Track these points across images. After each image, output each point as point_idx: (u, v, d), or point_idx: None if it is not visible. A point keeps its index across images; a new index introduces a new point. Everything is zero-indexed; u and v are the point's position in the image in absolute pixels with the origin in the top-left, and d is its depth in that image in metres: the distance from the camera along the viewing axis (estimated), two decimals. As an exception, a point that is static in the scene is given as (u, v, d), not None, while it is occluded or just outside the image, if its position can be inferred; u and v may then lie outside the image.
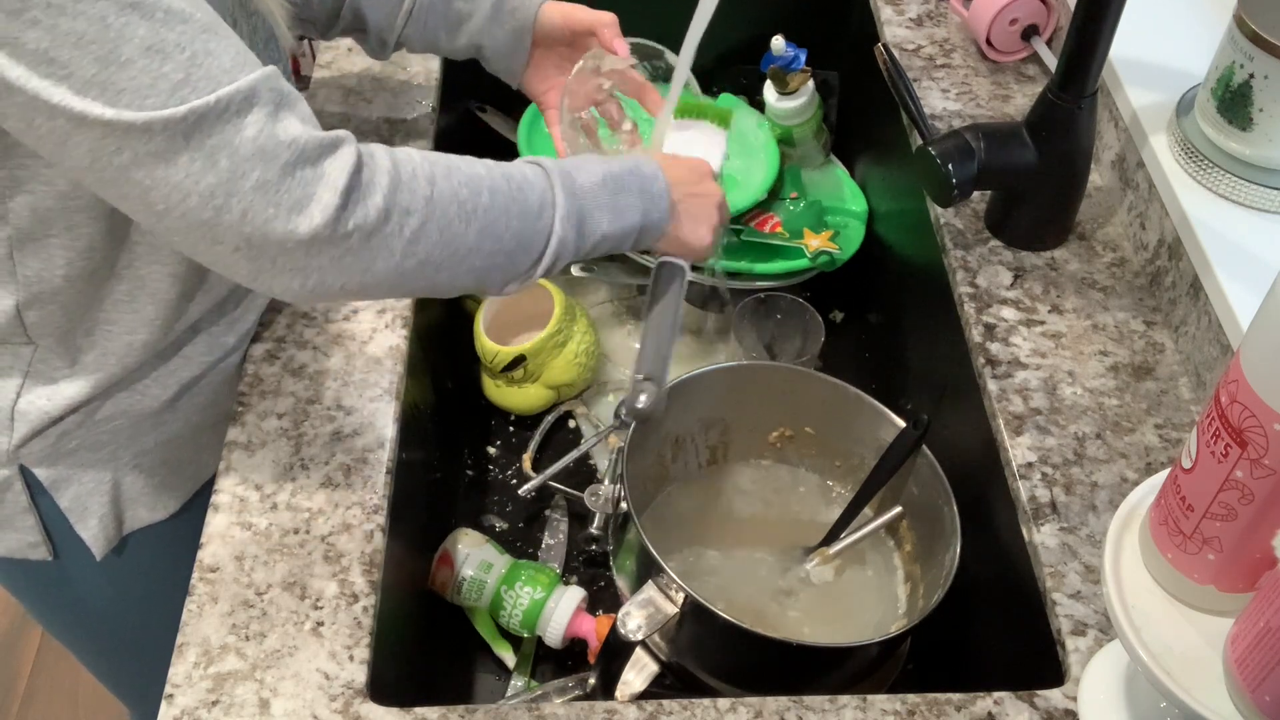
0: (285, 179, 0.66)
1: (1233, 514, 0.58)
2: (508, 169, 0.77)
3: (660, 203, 0.84)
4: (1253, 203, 0.92)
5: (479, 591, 0.99)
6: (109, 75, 0.62)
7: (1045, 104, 0.94)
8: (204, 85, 0.64)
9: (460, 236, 0.73)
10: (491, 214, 0.74)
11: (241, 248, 0.67)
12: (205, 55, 0.64)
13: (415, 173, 0.72)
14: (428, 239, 0.72)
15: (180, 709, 0.73)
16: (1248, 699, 0.57)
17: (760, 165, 1.23)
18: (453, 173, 0.74)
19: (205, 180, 0.65)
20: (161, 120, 0.63)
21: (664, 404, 0.85)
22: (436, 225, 0.72)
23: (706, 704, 0.74)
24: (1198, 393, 0.90)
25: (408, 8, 0.99)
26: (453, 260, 0.74)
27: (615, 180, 0.81)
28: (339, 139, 0.69)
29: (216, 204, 0.65)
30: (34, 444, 0.86)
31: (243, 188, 0.65)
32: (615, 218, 0.81)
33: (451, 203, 0.72)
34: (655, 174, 0.84)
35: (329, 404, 0.90)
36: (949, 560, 0.88)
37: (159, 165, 0.64)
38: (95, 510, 0.91)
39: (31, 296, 0.80)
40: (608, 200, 0.80)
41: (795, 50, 1.24)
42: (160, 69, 0.62)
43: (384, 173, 0.70)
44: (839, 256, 1.18)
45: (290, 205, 0.66)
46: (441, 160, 0.74)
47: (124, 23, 0.61)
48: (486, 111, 1.34)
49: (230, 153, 0.65)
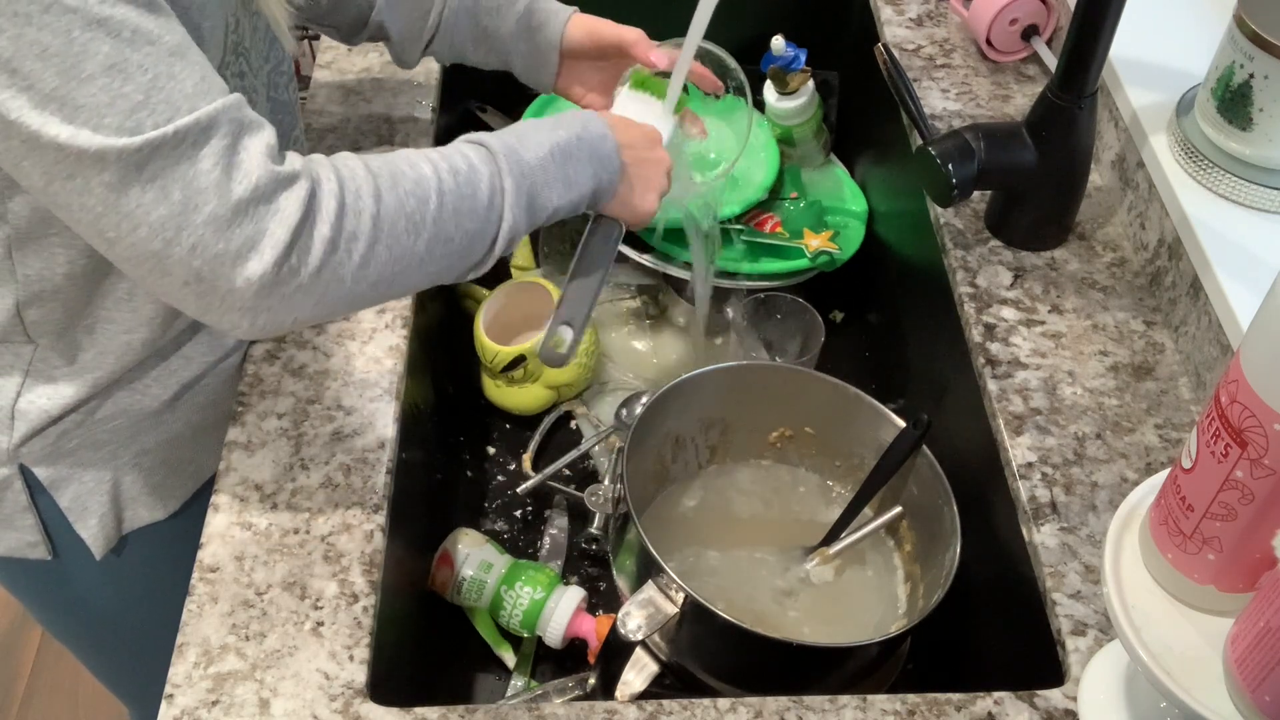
0: (238, 215, 0.65)
1: (1233, 514, 0.58)
2: (454, 160, 0.75)
3: (610, 164, 0.82)
4: (1253, 203, 0.92)
5: (479, 591, 0.99)
6: (69, 90, 0.61)
7: (1045, 104, 0.94)
8: (162, 110, 0.63)
9: (410, 249, 0.72)
10: (441, 219, 0.73)
11: (190, 282, 0.66)
12: (168, 79, 0.63)
13: (359, 191, 0.70)
14: (377, 260, 0.70)
15: (180, 709, 0.73)
16: (1248, 699, 0.57)
17: (760, 165, 1.23)
18: (398, 181, 0.72)
19: (157, 212, 0.64)
20: (116, 150, 0.62)
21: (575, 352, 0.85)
22: (385, 244, 0.70)
23: (706, 704, 0.74)
24: (1198, 393, 0.90)
25: (433, 23, 0.99)
26: (405, 273, 0.72)
27: (563, 150, 0.79)
28: (294, 173, 0.67)
29: (166, 236, 0.64)
30: (34, 443, 0.86)
31: (194, 221, 0.64)
32: (566, 189, 0.80)
33: (399, 216, 0.71)
34: (604, 133, 0.82)
35: (329, 404, 0.90)
36: (949, 560, 0.88)
37: (110, 194, 0.63)
38: (95, 510, 0.91)
39: (31, 295, 0.80)
40: (557, 172, 0.79)
41: (795, 50, 1.24)
42: (121, 89, 0.62)
43: (331, 197, 0.68)
44: (839, 256, 1.18)
45: (241, 243, 0.65)
46: (386, 169, 0.72)
47: (89, 38, 0.61)
48: (487, 111, 1.34)
49: (184, 186, 0.64)
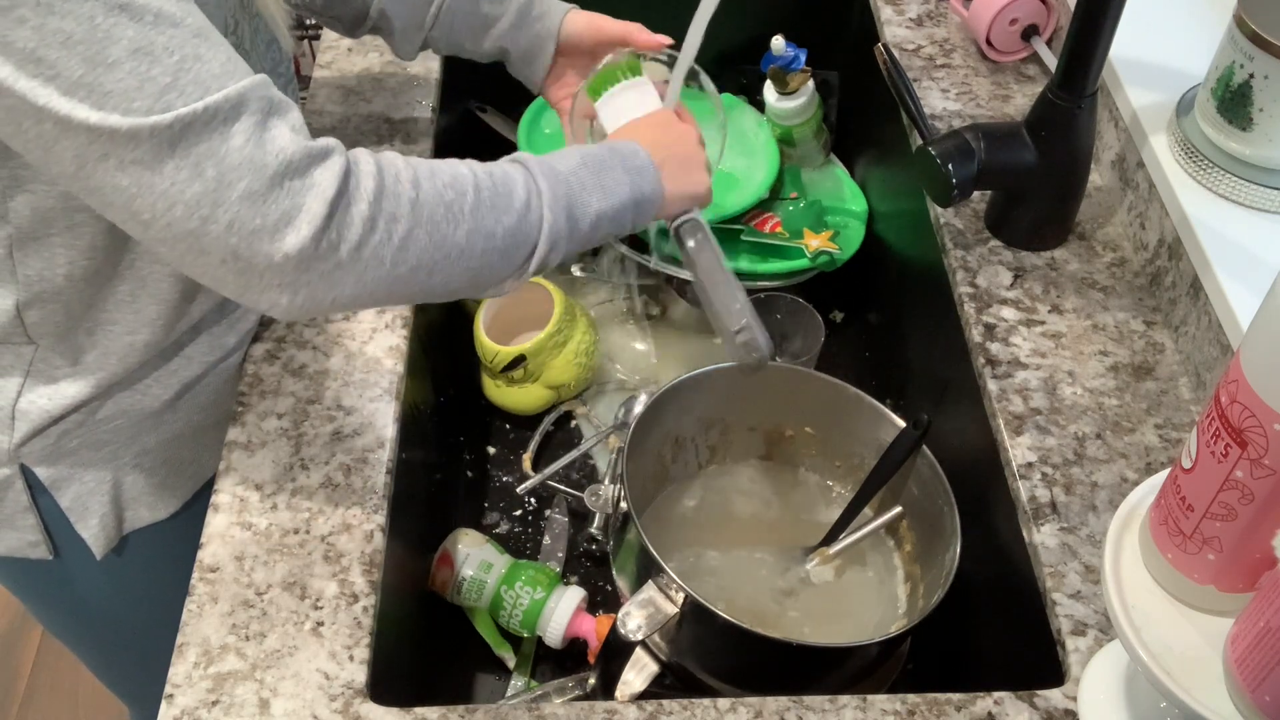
0: (273, 189, 0.65)
1: (1233, 514, 0.58)
2: (489, 167, 0.76)
3: (648, 174, 0.82)
4: (1253, 203, 0.93)
5: (479, 592, 0.99)
6: (96, 76, 0.61)
7: (1045, 104, 0.94)
8: (191, 90, 0.63)
9: (450, 238, 0.71)
10: (479, 212, 0.73)
11: (228, 260, 0.65)
12: (194, 60, 0.63)
13: (399, 177, 0.70)
14: (417, 244, 0.70)
15: (180, 709, 0.73)
16: (1248, 699, 0.57)
17: (760, 165, 1.23)
18: (436, 174, 0.72)
19: (191, 189, 0.63)
20: (148, 127, 0.62)
21: (770, 344, 0.87)
22: (425, 229, 0.70)
23: (706, 704, 0.74)
24: (1198, 393, 0.90)
25: (434, 10, 0.99)
26: (445, 263, 0.72)
27: (595, 160, 0.80)
28: (328, 148, 0.68)
29: (203, 214, 0.64)
30: (34, 443, 0.86)
31: (229, 198, 0.64)
32: (604, 195, 0.79)
33: (438, 205, 0.71)
34: (634, 149, 0.83)
35: (329, 404, 0.90)
36: (949, 560, 0.88)
37: (144, 172, 0.63)
38: (95, 509, 0.91)
39: (32, 296, 0.80)
40: (592, 179, 0.79)
41: (795, 50, 1.24)
42: (148, 72, 0.61)
43: (369, 177, 0.69)
44: (839, 256, 1.18)
45: (278, 217, 0.65)
46: (424, 164, 0.73)
47: (112, 24, 0.61)
48: (487, 111, 1.34)
49: (217, 162, 0.63)
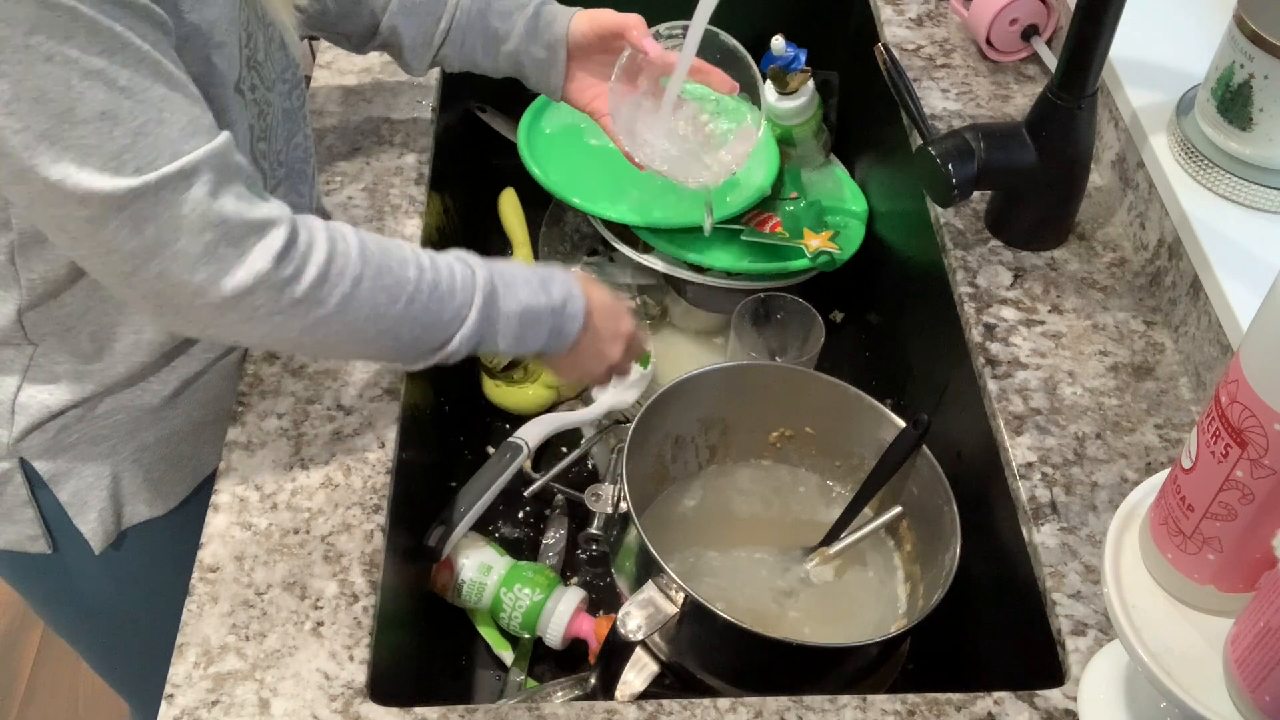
0: (206, 253, 0.69)
1: (1233, 514, 0.58)
2: (439, 273, 0.79)
3: (563, 340, 0.86)
4: (1253, 203, 0.92)
5: (479, 593, 0.99)
6: (61, 131, 0.64)
7: (1045, 104, 0.94)
8: (146, 153, 0.66)
9: (360, 332, 0.76)
10: (400, 320, 0.77)
11: (150, 298, 0.71)
12: (156, 125, 0.66)
13: (345, 271, 0.74)
14: (329, 328, 0.75)
15: (180, 709, 0.73)
16: (1248, 699, 0.57)
17: (760, 165, 1.23)
18: (381, 275, 0.76)
19: (129, 244, 0.67)
20: (100, 195, 0.65)
21: (446, 540, 0.94)
22: (342, 320, 0.75)
23: (706, 704, 0.74)
24: (1198, 393, 0.90)
25: (444, 27, 1.00)
26: (344, 346, 0.78)
27: (534, 316, 0.83)
28: (270, 220, 0.71)
29: (136, 262, 0.68)
30: (34, 437, 0.86)
31: (163, 254, 0.68)
32: (514, 344, 0.84)
33: (366, 305, 0.75)
34: (575, 315, 0.86)
35: (329, 404, 0.90)
36: (949, 560, 0.88)
37: (88, 226, 0.67)
38: (94, 504, 0.91)
39: (34, 300, 0.80)
40: (517, 331, 0.83)
41: (795, 50, 1.24)
42: (110, 133, 0.65)
43: (315, 266, 0.72)
44: (839, 256, 1.18)
45: (204, 279, 0.69)
46: (376, 259, 0.76)
47: (85, 87, 0.64)
48: (486, 111, 1.34)
49: (158, 225, 0.67)
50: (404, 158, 1.08)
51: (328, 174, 1.06)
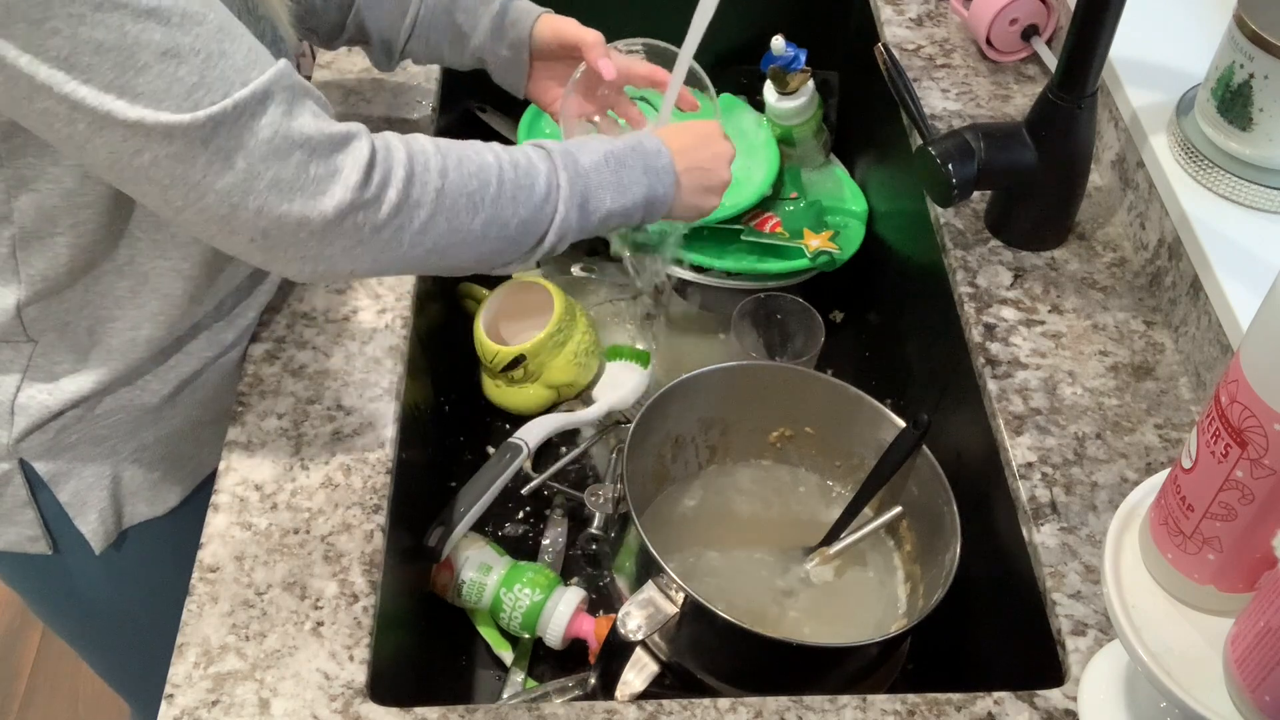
0: (300, 175, 0.68)
1: (1233, 514, 0.58)
2: (514, 155, 0.80)
3: (666, 177, 0.86)
4: (1253, 203, 0.93)
5: (479, 594, 0.99)
6: (127, 80, 0.63)
7: (1045, 104, 0.94)
8: (218, 86, 0.66)
9: (467, 227, 0.76)
10: (499, 203, 0.77)
11: (257, 239, 0.70)
12: (220, 56, 0.66)
13: (428, 165, 0.74)
14: (436, 230, 0.74)
15: (180, 709, 0.73)
16: (1248, 699, 0.57)
17: (760, 165, 1.23)
18: (464, 163, 0.76)
19: (223, 180, 0.67)
20: (182, 126, 0.65)
21: (445, 541, 0.94)
22: (445, 217, 0.75)
23: (706, 704, 0.74)
24: (1198, 393, 0.90)
25: (409, 22, 1.00)
26: (458, 247, 0.77)
27: (617, 158, 0.84)
28: (351, 133, 0.71)
29: (233, 201, 0.68)
30: (34, 438, 0.86)
31: (258, 186, 0.68)
32: (619, 194, 0.83)
33: (461, 195, 0.75)
34: (658, 149, 0.86)
35: (329, 404, 0.90)
36: (949, 560, 0.88)
37: (178, 165, 0.66)
38: (94, 505, 0.91)
39: (34, 294, 0.80)
40: (611, 178, 0.83)
41: (795, 50, 1.24)
42: (176, 73, 0.64)
43: (400, 165, 0.72)
44: (839, 256, 1.18)
45: (305, 200, 0.69)
46: (454, 150, 0.77)
47: (140, 29, 0.63)
48: (486, 111, 1.34)
49: (246, 154, 0.67)
50: (404, 158, 1.08)
51: (328, 174, 1.06)
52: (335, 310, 0.96)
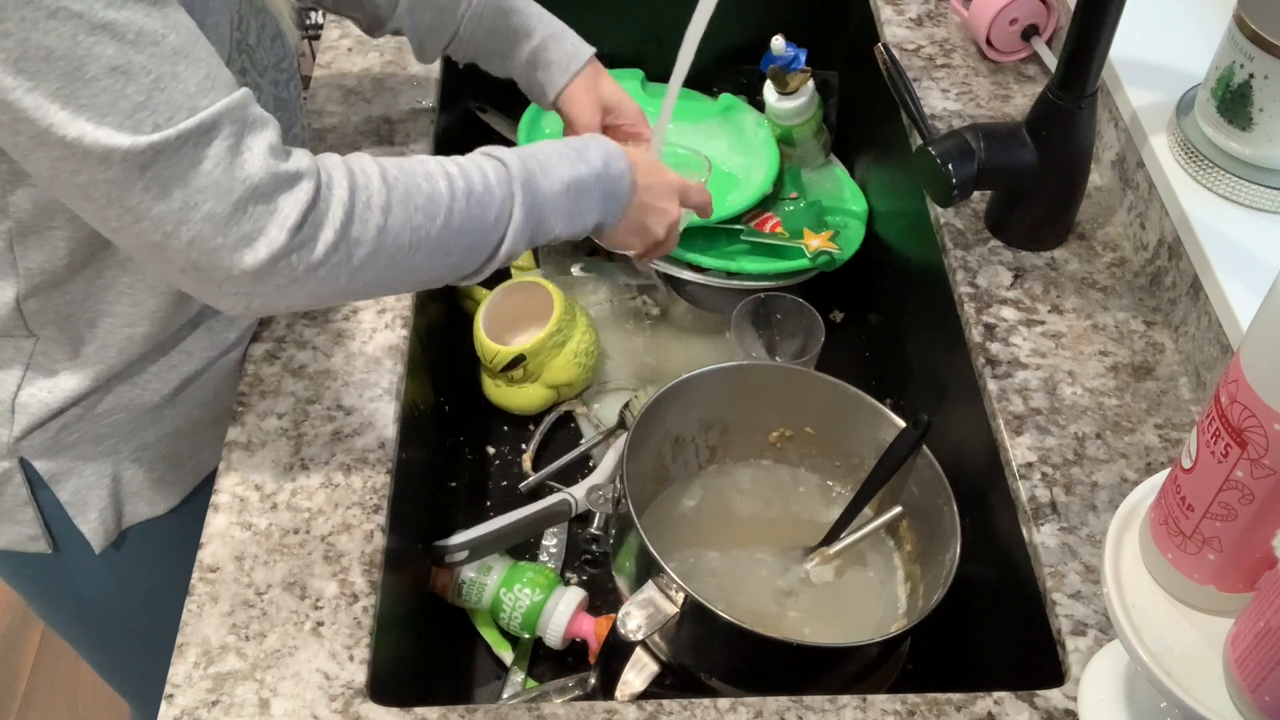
0: (236, 214, 0.67)
1: (1233, 514, 0.58)
2: (470, 181, 0.77)
3: (620, 203, 0.86)
4: (1253, 203, 0.93)
5: (479, 594, 0.99)
6: (73, 90, 0.62)
7: (1045, 104, 0.94)
8: (163, 109, 0.64)
9: (407, 260, 0.74)
10: (444, 235, 0.75)
11: (188, 270, 0.68)
12: (171, 79, 0.64)
13: (370, 202, 0.72)
14: (375, 265, 0.73)
15: (180, 709, 0.73)
16: (1248, 699, 0.57)
17: (760, 165, 1.23)
18: (411, 196, 0.74)
19: (158, 208, 0.66)
20: (120, 151, 0.63)
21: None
22: (386, 253, 0.73)
23: (706, 704, 0.74)
24: (1198, 393, 0.90)
25: (452, 30, 1.00)
26: (397, 280, 0.76)
27: (580, 186, 0.82)
28: (298, 172, 0.69)
29: (166, 230, 0.66)
30: (34, 436, 0.86)
31: (193, 218, 0.66)
32: (571, 222, 0.83)
33: (404, 230, 0.73)
34: (622, 174, 0.85)
35: (329, 404, 0.90)
36: (949, 560, 0.88)
37: (113, 189, 0.65)
38: (95, 504, 0.91)
39: (32, 288, 0.80)
40: (567, 207, 0.82)
41: (795, 50, 1.24)
42: (124, 90, 0.63)
43: (339, 204, 0.70)
44: (839, 256, 1.18)
45: (238, 239, 0.67)
46: (402, 181, 0.74)
47: (93, 41, 0.62)
48: (486, 111, 1.34)
49: (183, 185, 0.65)
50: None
51: (328, 174, 1.06)
52: (335, 310, 0.96)
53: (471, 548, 0.97)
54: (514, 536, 1.00)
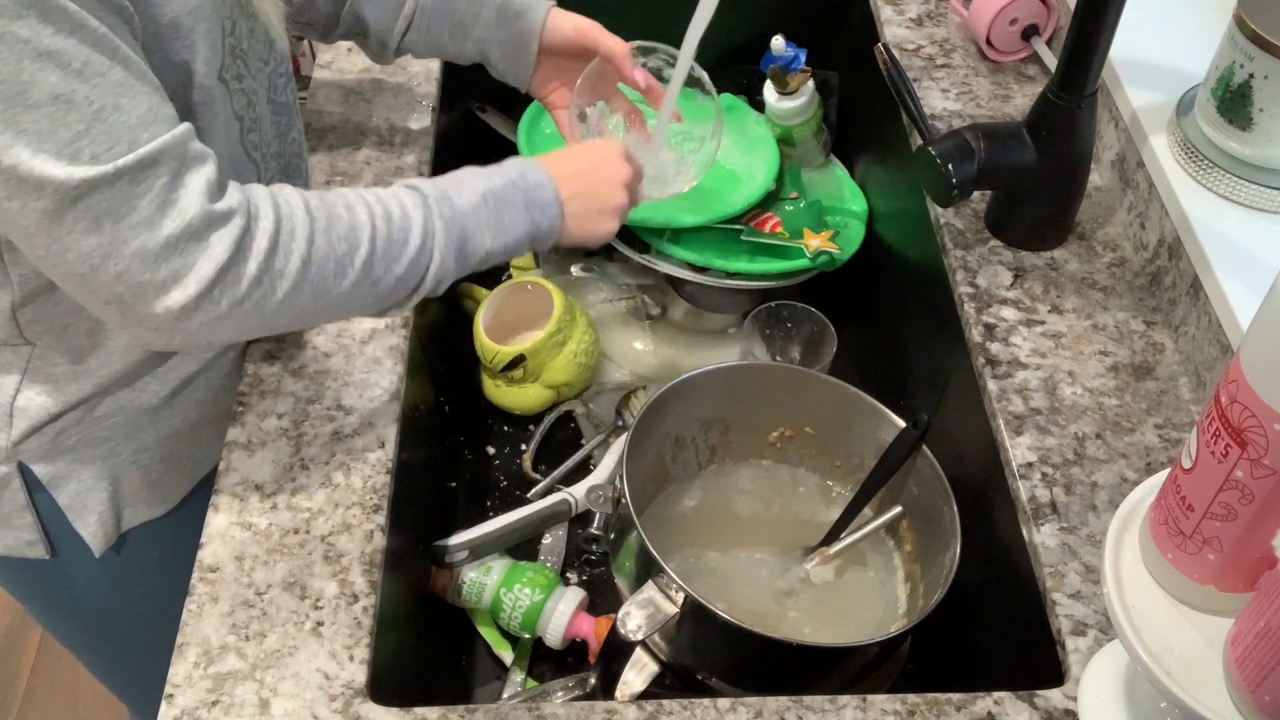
0: (167, 251, 0.67)
1: (1233, 514, 0.58)
2: (388, 208, 0.77)
3: (549, 210, 0.84)
4: (1253, 203, 0.93)
5: (479, 593, 0.99)
6: (13, 115, 0.62)
7: (1045, 104, 0.94)
8: (102, 140, 0.64)
9: (333, 289, 0.74)
10: (371, 264, 0.75)
11: (113, 303, 0.68)
12: (113, 110, 0.64)
13: (294, 233, 0.72)
14: (300, 297, 0.73)
15: (180, 709, 0.73)
16: (1248, 699, 0.57)
17: (760, 165, 1.23)
18: (334, 226, 0.74)
19: (86, 241, 0.66)
20: (55, 182, 0.63)
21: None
22: (310, 285, 0.73)
23: (706, 704, 0.74)
24: (1198, 393, 0.90)
25: (407, 12, 0.99)
26: (325, 310, 0.76)
27: (497, 196, 0.82)
28: (230, 211, 0.69)
29: (93, 263, 0.66)
30: (32, 440, 0.86)
31: (122, 253, 0.66)
32: (499, 233, 0.82)
33: (328, 261, 0.73)
34: (541, 181, 0.84)
35: (329, 404, 0.90)
36: (949, 560, 0.88)
37: (44, 219, 0.65)
38: (94, 507, 0.91)
39: (27, 295, 0.80)
40: (490, 217, 0.81)
41: (795, 50, 1.24)
42: (65, 118, 0.63)
43: (264, 236, 0.70)
44: (839, 256, 1.18)
45: (166, 276, 0.67)
46: (324, 211, 0.74)
47: (38, 68, 0.62)
48: (486, 111, 1.34)
49: (115, 220, 0.65)
50: (404, 158, 1.08)
51: (328, 174, 1.06)
52: (335, 310, 0.96)
53: (471, 548, 0.97)
54: (514, 536, 1.00)
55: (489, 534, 0.98)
